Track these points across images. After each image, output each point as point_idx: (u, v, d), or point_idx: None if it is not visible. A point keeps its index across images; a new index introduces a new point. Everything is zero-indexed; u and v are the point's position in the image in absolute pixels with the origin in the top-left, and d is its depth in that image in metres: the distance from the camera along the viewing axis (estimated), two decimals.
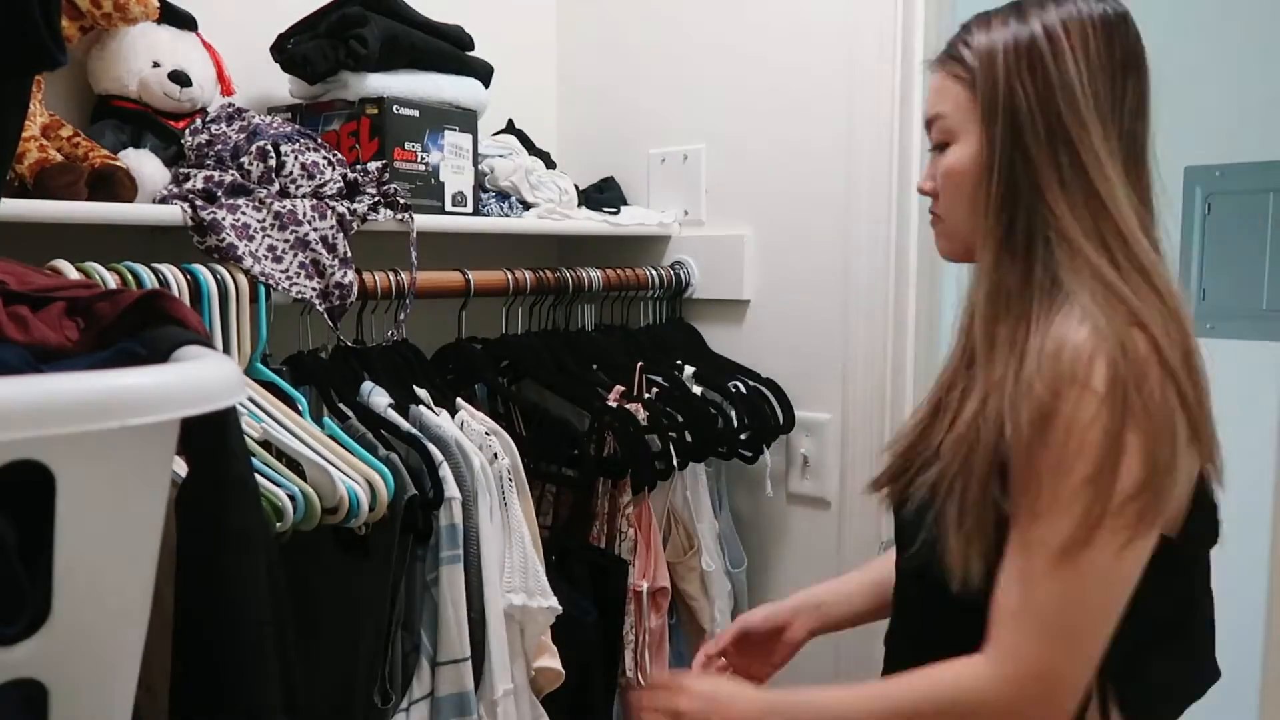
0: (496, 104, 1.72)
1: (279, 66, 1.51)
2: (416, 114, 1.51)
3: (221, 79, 1.44)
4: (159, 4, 1.35)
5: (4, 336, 0.63)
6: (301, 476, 1.10)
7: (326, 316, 1.33)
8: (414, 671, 1.24)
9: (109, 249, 1.16)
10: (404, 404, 1.34)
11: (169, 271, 1.15)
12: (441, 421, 1.33)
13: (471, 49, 1.65)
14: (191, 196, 1.25)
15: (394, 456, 1.21)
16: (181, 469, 0.71)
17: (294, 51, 1.48)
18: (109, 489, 0.51)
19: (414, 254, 1.43)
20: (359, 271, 1.36)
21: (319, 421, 1.23)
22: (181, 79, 1.35)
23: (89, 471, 0.49)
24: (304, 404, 1.24)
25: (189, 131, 1.35)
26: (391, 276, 1.40)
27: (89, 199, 1.17)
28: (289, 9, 1.51)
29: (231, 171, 1.30)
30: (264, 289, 1.24)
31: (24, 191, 1.15)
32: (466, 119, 1.60)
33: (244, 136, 1.33)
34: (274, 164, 1.31)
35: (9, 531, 0.49)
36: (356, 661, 1.20)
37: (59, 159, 1.18)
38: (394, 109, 1.48)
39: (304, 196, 1.33)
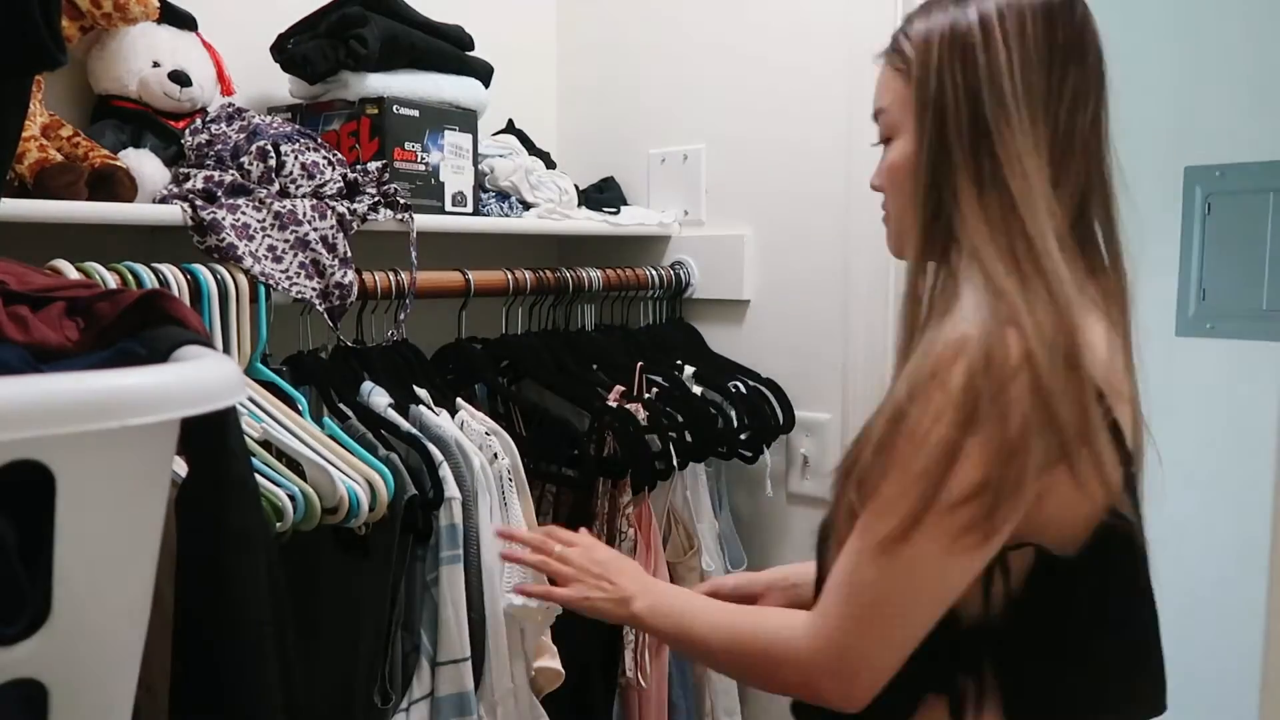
0: (496, 104, 1.72)
1: (279, 66, 1.52)
2: (416, 114, 1.51)
3: (221, 79, 1.44)
4: (159, 4, 1.36)
5: (4, 336, 0.63)
6: (301, 476, 1.10)
7: (326, 316, 1.33)
8: (414, 671, 1.24)
9: (109, 249, 1.16)
10: (404, 404, 1.34)
11: (169, 271, 1.15)
12: (442, 421, 1.33)
13: (471, 49, 1.65)
14: (191, 196, 1.25)
15: (394, 456, 1.21)
16: (181, 469, 0.71)
17: (294, 51, 1.48)
18: (109, 489, 0.51)
19: (414, 254, 1.43)
20: (359, 271, 1.36)
21: (319, 421, 1.23)
22: (181, 79, 1.36)
23: (89, 471, 0.49)
24: (304, 404, 1.24)
25: (189, 131, 1.35)
26: (391, 276, 1.40)
27: (89, 199, 1.17)
28: (289, 9, 1.51)
29: (231, 171, 1.30)
30: (264, 289, 1.24)
31: (24, 191, 1.15)
32: (466, 119, 1.60)
33: (244, 136, 1.33)
34: (274, 164, 1.31)
35: (9, 531, 0.49)
36: (356, 661, 1.20)
37: (59, 159, 1.18)
38: (394, 109, 1.48)
39: (304, 196, 1.33)
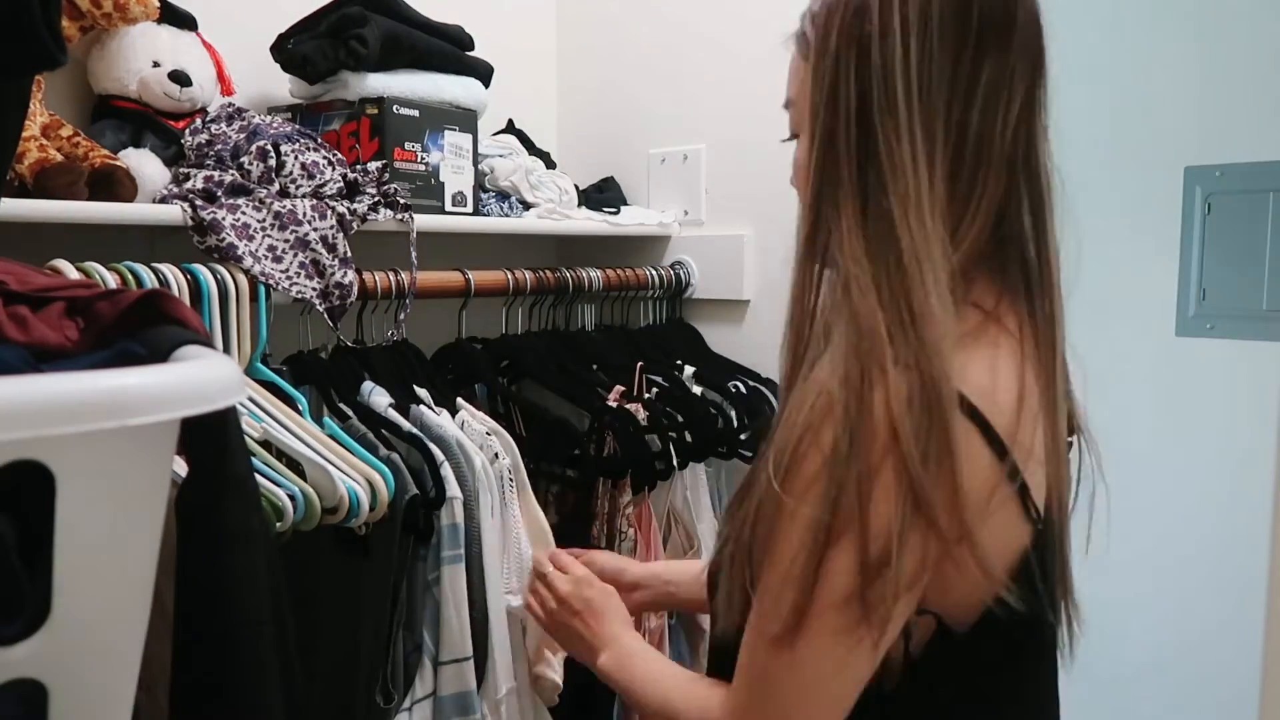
0: (496, 104, 1.72)
1: (279, 66, 1.52)
2: (416, 114, 1.51)
3: (221, 79, 1.44)
4: (159, 4, 1.36)
5: (4, 336, 0.63)
6: (301, 476, 1.10)
7: (326, 316, 1.33)
8: (416, 671, 1.24)
9: (109, 249, 1.16)
10: (404, 404, 1.34)
11: (169, 271, 1.15)
12: (443, 421, 1.33)
13: (471, 49, 1.65)
14: (191, 196, 1.25)
15: (394, 456, 1.21)
16: (181, 469, 0.71)
17: (294, 51, 1.48)
18: (109, 489, 0.51)
19: (414, 254, 1.43)
20: (359, 271, 1.36)
21: (319, 421, 1.23)
22: (181, 79, 1.35)
23: (89, 471, 0.49)
24: (304, 404, 1.24)
25: (189, 131, 1.35)
26: (391, 276, 1.40)
27: (89, 199, 1.17)
28: (289, 9, 1.51)
29: (231, 171, 1.30)
30: (264, 289, 1.24)
31: (24, 191, 1.15)
32: (466, 119, 1.60)
33: (244, 136, 1.33)
34: (274, 164, 1.31)
35: (9, 531, 0.49)
36: (357, 661, 1.20)
37: (59, 159, 1.18)
38: (394, 109, 1.48)
39: (304, 196, 1.33)
